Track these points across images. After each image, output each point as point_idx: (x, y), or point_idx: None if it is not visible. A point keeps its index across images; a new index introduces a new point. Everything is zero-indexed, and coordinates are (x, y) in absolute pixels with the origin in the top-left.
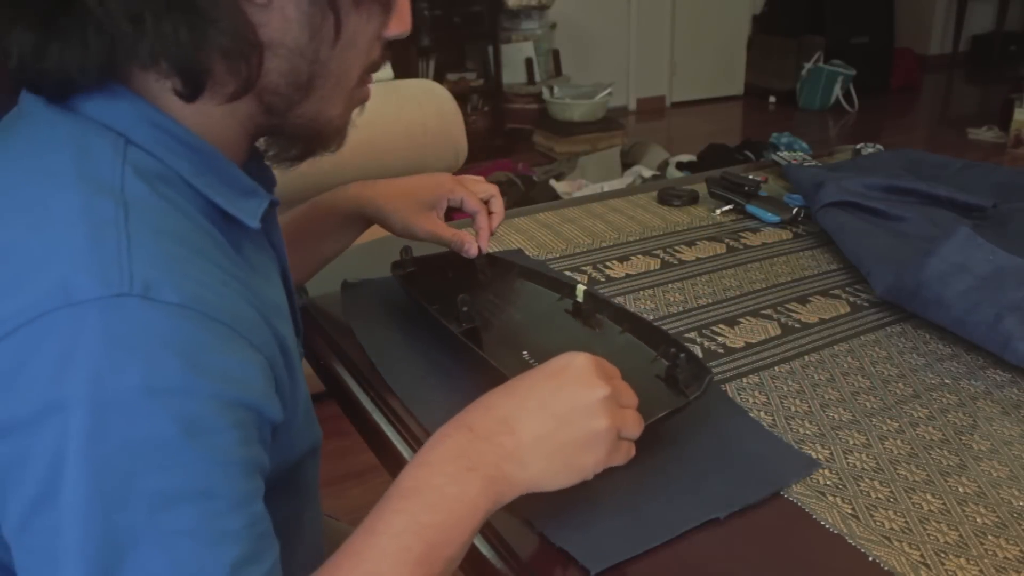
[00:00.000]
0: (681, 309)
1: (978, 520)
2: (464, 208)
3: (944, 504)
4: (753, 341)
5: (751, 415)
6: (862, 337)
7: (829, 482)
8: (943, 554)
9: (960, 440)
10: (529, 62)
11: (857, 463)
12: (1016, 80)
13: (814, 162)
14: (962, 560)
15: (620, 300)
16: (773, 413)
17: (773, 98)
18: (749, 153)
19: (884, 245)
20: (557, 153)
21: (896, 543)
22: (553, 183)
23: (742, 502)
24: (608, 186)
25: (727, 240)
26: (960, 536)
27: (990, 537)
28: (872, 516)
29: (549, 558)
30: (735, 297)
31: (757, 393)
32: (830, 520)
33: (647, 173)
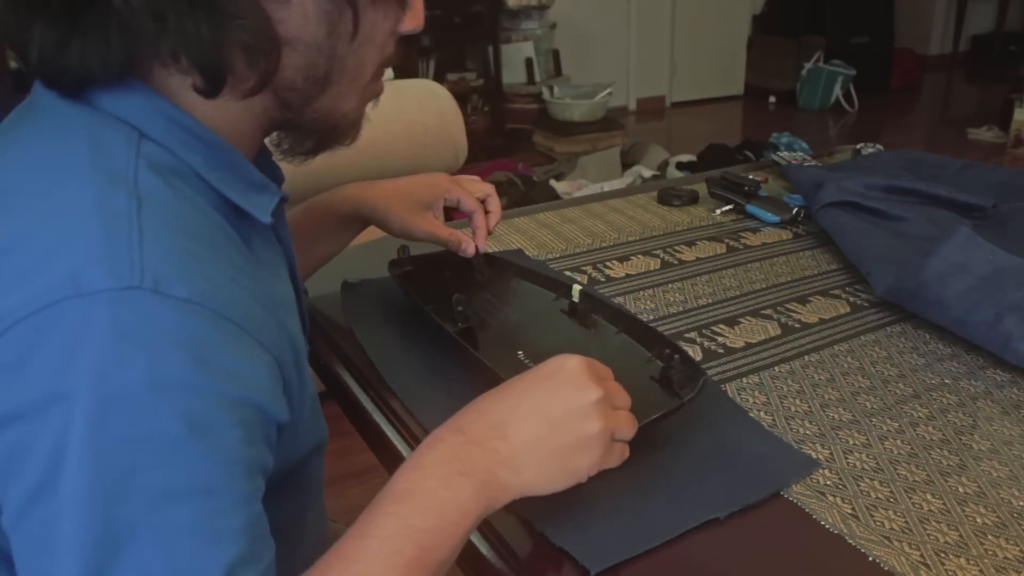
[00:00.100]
0: (681, 309)
1: (978, 520)
2: (461, 207)
3: (944, 504)
4: (753, 341)
5: (751, 415)
6: (862, 337)
7: (829, 482)
8: (943, 554)
9: (960, 440)
10: (529, 62)
11: (857, 463)
12: (1016, 80)
13: (814, 162)
14: (962, 560)
15: (620, 300)
16: (773, 413)
17: (773, 98)
18: (749, 153)
19: (884, 245)
20: (557, 153)
21: (896, 543)
22: (553, 183)
23: (742, 502)
24: (608, 186)
25: (727, 240)
26: (960, 536)
27: (990, 537)
28: (872, 516)
29: (549, 558)
30: (735, 297)
31: (757, 393)
32: (830, 520)
33: (647, 173)
